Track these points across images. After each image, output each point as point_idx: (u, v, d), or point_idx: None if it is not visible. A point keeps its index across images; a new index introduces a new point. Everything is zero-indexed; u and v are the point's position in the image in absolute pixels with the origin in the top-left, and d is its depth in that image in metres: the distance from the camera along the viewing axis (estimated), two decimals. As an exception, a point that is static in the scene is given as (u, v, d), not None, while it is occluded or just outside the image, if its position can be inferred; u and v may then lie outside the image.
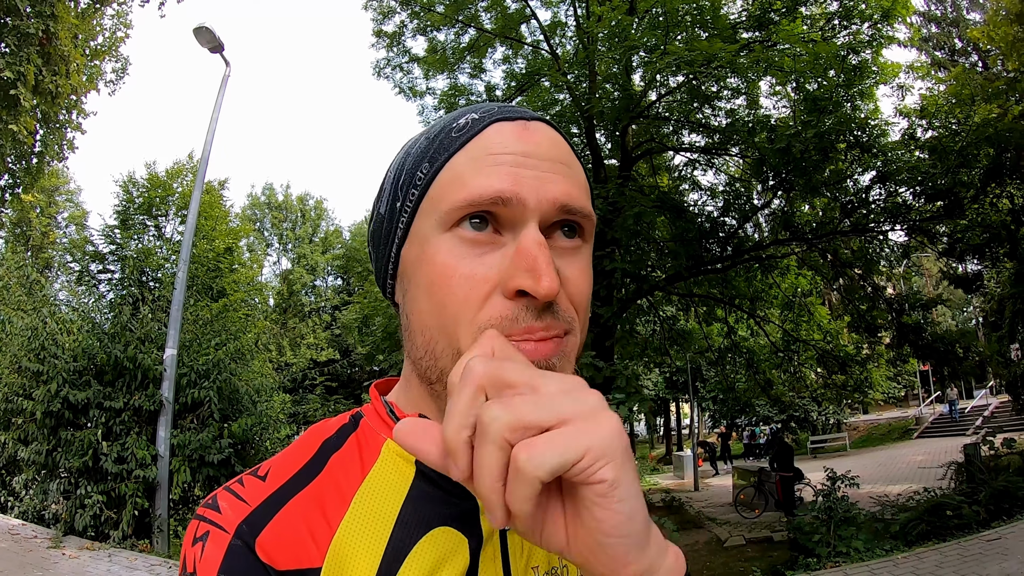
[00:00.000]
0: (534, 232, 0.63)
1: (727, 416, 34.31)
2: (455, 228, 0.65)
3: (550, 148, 0.68)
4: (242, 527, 0.64)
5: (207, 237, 14.15)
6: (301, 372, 27.61)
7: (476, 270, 0.64)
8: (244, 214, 37.77)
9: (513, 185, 0.63)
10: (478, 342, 0.56)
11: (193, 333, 12.05)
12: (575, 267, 0.68)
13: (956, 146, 10.71)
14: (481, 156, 0.66)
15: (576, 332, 0.67)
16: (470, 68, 17.06)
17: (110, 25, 10.74)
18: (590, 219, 0.69)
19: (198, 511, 0.67)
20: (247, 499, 0.66)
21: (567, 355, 0.65)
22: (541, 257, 0.61)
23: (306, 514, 0.66)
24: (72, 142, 9.70)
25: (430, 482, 0.71)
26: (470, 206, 0.64)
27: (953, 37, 20.78)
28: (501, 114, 0.69)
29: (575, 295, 0.67)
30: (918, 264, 20.24)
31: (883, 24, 12.08)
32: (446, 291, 0.65)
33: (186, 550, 0.65)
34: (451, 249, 0.65)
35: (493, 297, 0.63)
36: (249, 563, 0.62)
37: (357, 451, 0.73)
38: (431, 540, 0.68)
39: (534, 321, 0.62)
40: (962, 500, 9.94)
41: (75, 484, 9.74)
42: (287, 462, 0.71)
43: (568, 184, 0.66)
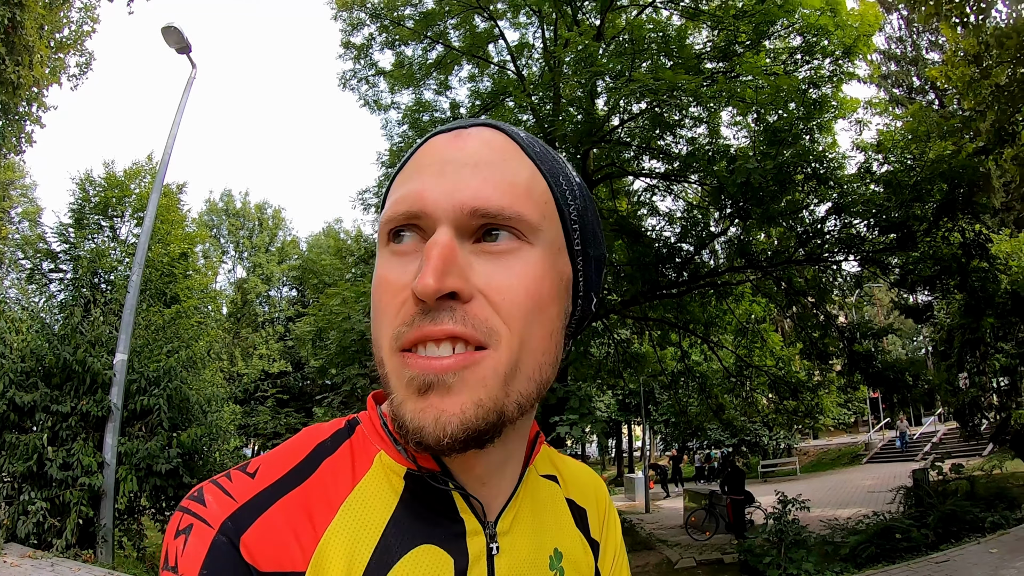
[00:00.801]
0: (437, 234, 0.62)
1: (679, 439, 34.54)
2: (388, 243, 0.67)
3: (477, 151, 0.66)
4: (227, 523, 0.62)
5: (162, 241, 13.88)
6: (253, 383, 27.23)
7: (399, 278, 0.64)
8: (201, 219, 37.11)
9: (419, 197, 0.63)
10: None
11: (144, 339, 11.78)
12: (506, 274, 0.64)
13: (910, 181, 10.97)
14: (411, 171, 0.68)
15: (500, 347, 0.62)
16: (436, 84, 17.13)
17: (77, 18, 10.59)
18: (522, 221, 0.64)
19: (182, 503, 0.65)
20: (234, 495, 0.65)
21: (479, 375, 0.61)
22: (432, 255, 0.59)
23: (293, 516, 0.64)
24: (31, 135, 9.52)
25: (419, 499, 0.70)
26: (390, 223, 0.66)
27: (912, 75, 21.40)
28: (444, 128, 0.70)
29: (503, 304, 0.63)
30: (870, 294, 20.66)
31: (844, 60, 12.43)
32: (376, 300, 0.66)
33: (168, 542, 0.64)
34: (384, 260, 0.67)
35: (407, 303, 0.62)
36: (232, 561, 0.60)
37: (350, 458, 0.72)
38: (415, 557, 0.67)
39: (427, 323, 0.60)
40: (911, 524, 10.18)
41: (18, 490, 9.39)
42: (278, 461, 0.69)
43: (485, 185, 0.64)
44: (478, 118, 0.73)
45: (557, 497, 0.88)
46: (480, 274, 0.63)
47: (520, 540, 0.76)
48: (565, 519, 0.86)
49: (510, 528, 0.76)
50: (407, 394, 0.61)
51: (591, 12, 14.83)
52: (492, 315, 0.62)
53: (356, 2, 15.74)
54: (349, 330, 11.81)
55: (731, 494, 15.08)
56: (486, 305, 0.62)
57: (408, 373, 0.61)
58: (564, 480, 0.91)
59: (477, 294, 0.62)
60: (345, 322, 11.94)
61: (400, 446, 0.71)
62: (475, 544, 0.71)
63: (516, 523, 0.77)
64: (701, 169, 12.68)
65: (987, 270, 11.67)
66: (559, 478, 0.90)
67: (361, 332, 11.46)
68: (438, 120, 16.57)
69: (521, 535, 0.77)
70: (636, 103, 12.43)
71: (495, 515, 0.75)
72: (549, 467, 0.90)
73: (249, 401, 24.62)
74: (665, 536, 16.69)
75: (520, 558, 0.75)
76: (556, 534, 0.82)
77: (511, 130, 0.71)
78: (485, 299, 0.62)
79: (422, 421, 0.60)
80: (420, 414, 0.60)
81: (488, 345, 0.61)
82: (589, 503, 0.92)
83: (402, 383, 0.62)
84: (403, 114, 17.12)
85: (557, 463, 0.93)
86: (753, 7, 12.31)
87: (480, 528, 0.72)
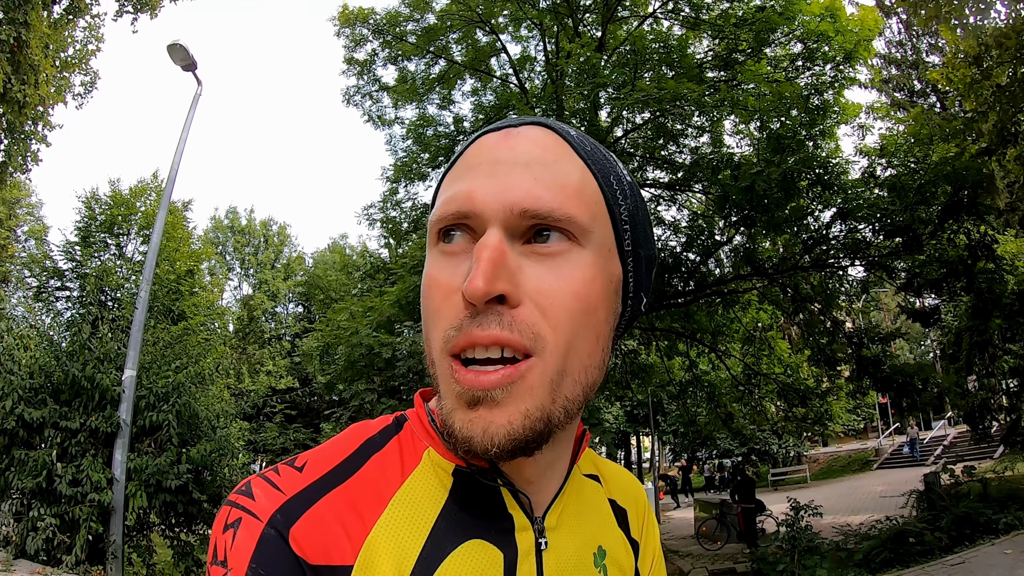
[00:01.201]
0: (488, 235, 0.62)
1: (688, 449, 34.43)
2: (438, 243, 0.67)
3: (528, 150, 0.66)
4: (276, 516, 0.62)
5: (169, 258, 13.93)
6: (260, 399, 27.22)
7: (450, 280, 0.64)
8: (206, 237, 37.25)
9: (469, 197, 0.64)
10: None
11: (153, 355, 11.74)
12: (555, 277, 0.63)
13: (914, 184, 10.96)
14: (462, 171, 0.68)
15: (545, 354, 0.62)
16: (439, 99, 17.17)
17: (82, 37, 10.65)
18: (572, 222, 0.64)
19: (230, 497, 0.66)
20: (283, 488, 0.65)
21: (526, 386, 0.61)
22: (483, 258, 0.60)
23: (342, 510, 0.65)
24: (36, 154, 9.53)
25: (468, 495, 0.71)
26: (440, 222, 0.66)
27: (913, 79, 21.40)
28: (493, 127, 0.71)
29: (551, 308, 0.62)
30: (877, 299, 20.62)
31: (845, 66, 12.46)
32: (427, 301, 0.67)
33: (216, 536, 0.64)
34: (434, 260, 0.67)
35: (456, 305, 0.63)
36: (283, 554, 0.61)
37: (398, 454, 0.73)
38: (465, 552, 0.67)
39: (474, 328, 0.60)
40: (924, 527, 10.12)
41: (27, 506, 9.35)
42: (326, 455, 0.70)
43: (536, 186, 0.64)
44: (530, 116, 0.72)
45: (600, 497, 0.88)
46: (530, 276, 0.63)
47: (566, 537, 0.77)
48: (608, 518, 0.87)
49: (557, 524, 0.77)
50: (456, 404, 0.62)
51: (592, 24, 14.91)
52: (540, 320, 0.62)
53: (359, 18, 15.84)
54: (357, 345, 11.79)
55: (742, 503, 15.03)
56: (534, 310, 0.62)
57: (457, 388, 0.62)
58: (606, 481, 0.92)
59: (526, 298, 0.62)
60: (353, 336, 11.93)
61: (449, 443, 0.71)
62: (524, 539, 0.72)
63: (562, 520, 0.78)
64: (705, 178, 12.69)
65: (993, 271, 11.62)
66: (601, 478, 0.91)
67: (369, 347, 11.45)
68: (442, 135, 16.64)
69: (567, 532, 0.78)
70: (639, 113, 12.49)
71: (542, 511, 0.76)
72: (591, 467, 0.91)
73: (257, 417, 24.58)
74: (676, 547, 16.62)
75: (567, 554, 0.76)
76: (599, 532, 0.83)
77: (561, 128, 0.71)
78: (533, 303, 0.62)
79: (471, 432, 0.61)
80: (469, 424, 0.61)
81: (534, 352, 0.61)
82: (629, 504, 0.93)
83: (452, 393, 0.63)
84: (407, 129, 17.17)
85: (598, 464, 0.94)
86: (753, 15, 12.38)
87: (529, 524, 0.73)
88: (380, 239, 17.76)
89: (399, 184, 16.89)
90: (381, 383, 11.44)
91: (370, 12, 15.85)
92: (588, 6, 14.68)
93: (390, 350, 10.84)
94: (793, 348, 16.70)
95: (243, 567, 0.60)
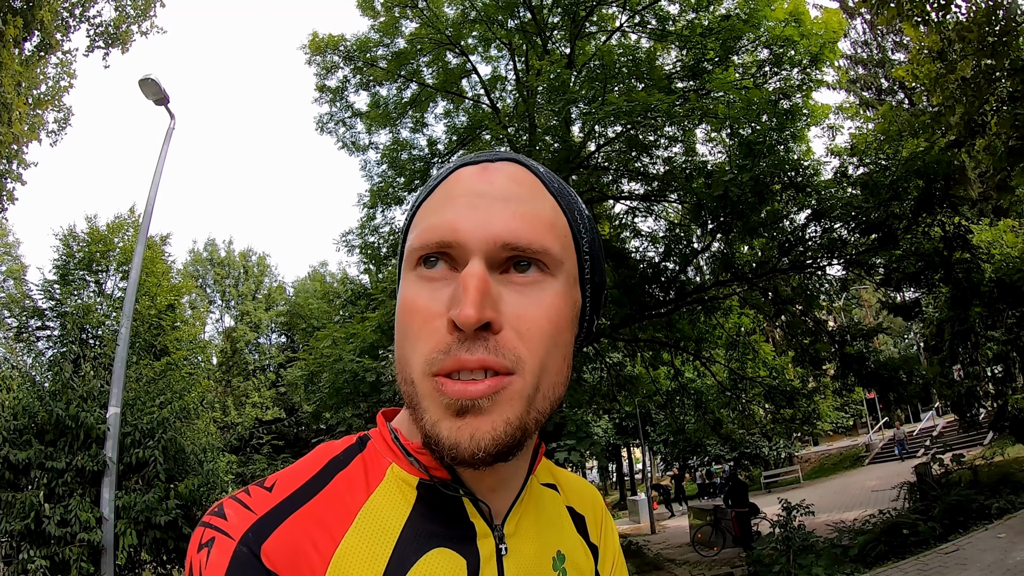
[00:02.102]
0: (471, 265, 0.65)
1: (679, 458, 34.43)
2: (416, 268, 0.70)
3: (505, 185, 0.71)
4: (248, 535, 0.65)
5: (148, 293, 13.83)
6: (247, 431, 26.93)
7: (430, 305, 0.67)
8: (186, 270, 36.86)
9: (454, 228, 0.67)
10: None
11: (136, 391, 11.63)
12: (531, 304, 0.68)
13: (887, 180, 11.06)
14: (441, 200, 0.71)
15: (524, 373, 0.66)
16: (412, 122, 17.21)
17: (53, 74, 10.61)
18: (547, 255, 0.69)
19: (204, 518, 0.68)
20: (253, 508, 0.68)
21: (508, 396, 0.65)
22: (470, 287, 0.63)
23: (310, 526, 0.68)
24: (12, 193, 9.44)
25: (430, 506, 0.74)
26: (421, 249, 0.69)
27: (880, 77, 21.68)
28: (471, 159, 0.75)
29: (527, 332, 0.67)
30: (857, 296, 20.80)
31: (812, 69, 12.62)
32: (406, 324, 0.69)
33: (191, 556, 0.67)
34: (412, 285, 0.70)
35: (440, 330, 0.66)
36: (255, 570, 0.63)
37: (363, 471, 0.75)
38: (430, 560, 0.70)
39: (463, 353, 0.64)
40: (917, 518, 10.19)
41: (17, 548, 9.18)
42: (294, 475, 0.73)
43: (516, 220, 0.68)
44: (500, 152, 0.76)
45: (558, 504, 0.92)
46: (508, 303, 0.67)
47: (526, 542, 0.81)
48: (566, 524, 0.91)
49: (516, 530, 0.80)
50: (443, 415, 0.65)
51: (561, 41, 15.03)
52: (519, 344, 0.66)
53: (329, 45, 15.87)
54: (341, 371, 11.72)
55: (735, 507, 15.03)
56: (513, 334, 0.66)
57: (445, 399, 0.64)
58: (563, 489, 0.95)
59: (506, 324, 0.66)
60: (337, 363, 11.87)
61: (413, 458, 0.75)
62: (485, 546, 0.75)
63: (521, 526, 0.81)
64: (680, 187, 12.77)
65: (970, 261, 11.75)
66: (558, 487, 0.95)
67: (353, 372, 11.38)
68: (416, 158, 16.67)
69: (526, 537, 0.81)
70: (611, 127, 12.55)
71: (501, 519, 0.79)
72: (548, 477, 0.95)
73: (244, 449, 24.33)
74: (673, 555, 16.58)
75: (526, 559, 0.79)
76: (558, 537, 0.86)
77: (532, 165, 0.76)
78: (512, 328, 0.66)
79: (458, 438, 0.64)
80: (456, 432, 0.64)
81: (515, 371, 0.66)
82: (587, 510, 0.96)
83: (438, 405, 0.65)
84: (381, 154, 17.18)
85: (556, 473, 0.97)
86: (719, 24, 12.53)
87: (489, 531, 0.77)
88: (360, 265, 17.73)
89: (376, 209, 16.89)
90: (367, 408, 11.39)
91: (340, 39, 15.90)
92: (556, 23, 14.82)
93: (374, 375, 10.80)
94: (777, 350, 16.77)
95: None
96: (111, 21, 10.97)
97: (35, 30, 8.70)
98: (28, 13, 8.18)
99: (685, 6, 14.01)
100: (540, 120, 12.97)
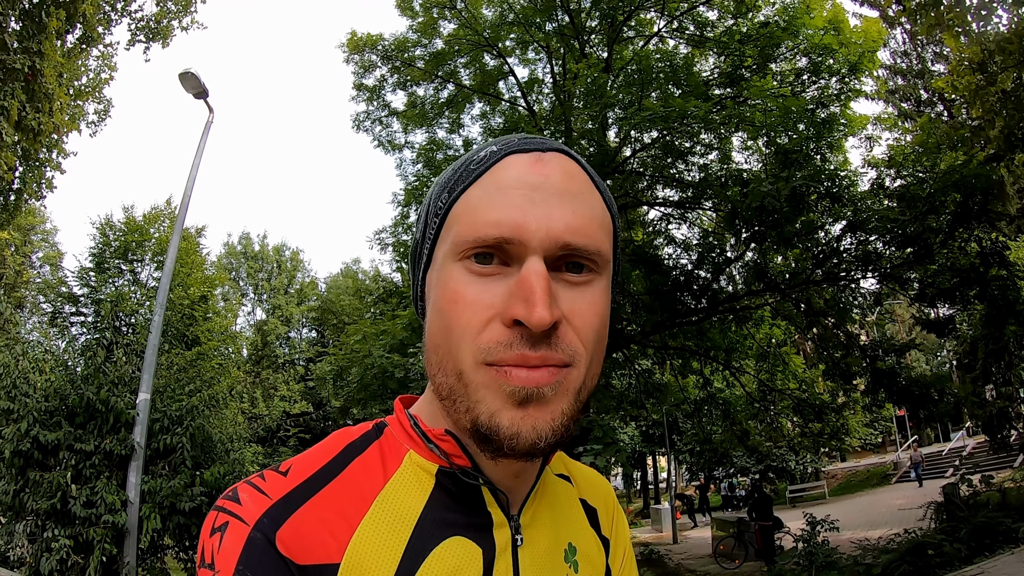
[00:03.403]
0: (535, 264, 0.65)
1: (704, 468, 34.17)
2: (465, 260, 0.69)
3: (562, 180, 0.70)
4: (263, 520, 0.65)
5: (182, 284, 14.04)
6: (275, 423, 27.20)
7: (481, 297, 0.67)
8: (220, 263, 37.42)
9: (516, 226, 0.66)
10: None
11: (167, 379, 11.80)
12: (583, 301, 0.69)
13: (924, 193, 10.84)
14: (492, 190, 0.69)
15: (580, 366, 0.68)
16: (448, 123, 17.30)
17: (95, 66, 10.79)
18: (599, 255, 0.70)
19: (218, 502, 0.69)
20: (268, 492, 0.68)
21: (565, 387, 0.66)
22: (538, 288, 0.63)
23: (326, 511, 0.68)
24: (51, 181, 9.53)
25: (448, 494, 0.74)
26: (477, 244, 0.68)
27: (919, 88, 21.32)
28: (518, 146, 0.72)
29: (581, 329, 0.68)
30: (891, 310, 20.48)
31: (850, 78, 12.44)
32: (453, 315, 0.68)
33: (204, 540, 0.67)
34: (460, 277, 0.69)
35: (493, 323, 0.66)
36: (269, 556, 0.63)
37: (380, 457, 0.76)
38: (447, 548, 0.71)
39: (528, 349, 0.64)
40: (943, 539, 10.00)
41: (42, 527, 9.34)
42: (310, 460, 0.73)
43: (575, 219, 0.68)
44: (545, 139, 0.75)
45: (571, 496, 0.92)
46: (564, 300, 0.67)
47: (540, 533, 0.81)
48: (579, 516, 0.91)
49: (531, 521, 0.81)
50: (504, 404, 0.65)
51: (598, 45, 15.00)
52: (575, 339, 0.67)
53: (367, 44, 16.00)
54: (370, 366, 11.81)
55: (759, 520, 14.89)
56: (570, 330, 0.67)
57: (508, 387, 0.65)
58: (576, 481, 0.96)
59: (563, 320, 0.67)
60: (367, 359, 11.95)
61: (433, 445, 0.75)
62: (501, 536, 0.76)
63: (536, 517, 0.82)
64: (715, 195, 12.66)
65: (1006, 278, 11.46)
66: (572, 479, 0.95)
67: (383, 368, 11.46)
68: (452, 158, 16.68)
69: (541, 528, 0.81)
70: (647, 132, 12.50)
71: (517, 509, 0.79)
72: (562, 467, 0.95)
73: (271, 441, 24.58)
74: (694, 566, 16.47)
75: (540, 550, 0.79)
76: (570, 529, 0.87)
77: (578, 158, 0.75)
78: (569, 324, 0.67)
79: (520, 428, 0.65)
80: (519, 422, 0.65)
81: (572, 364, 0.67)
82: (599, 503, 0.96)
83: (498, 394, 0.66)
84: (417, 153, 17.28)
85: (569, 465, 0.98)
86: (757, 31, 12.41)
87: (506, 521, 0.77)
88: (392, 263, 17.79)
89: (410, 208, 16.96)
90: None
91: (378, 38, 16.02)
92: (594, 27, 14.79)
93: (403, 371, 10.86)
94: (807, 363, 16.58)
95: (230, 569, 0.63)
96: (152, 16, 11.16)
97: (78, 23, 8.85)
98: (71, 6, 8.33)
99: (724, 12, 13.91)
100: (576, 124, 12.96)
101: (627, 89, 12.16)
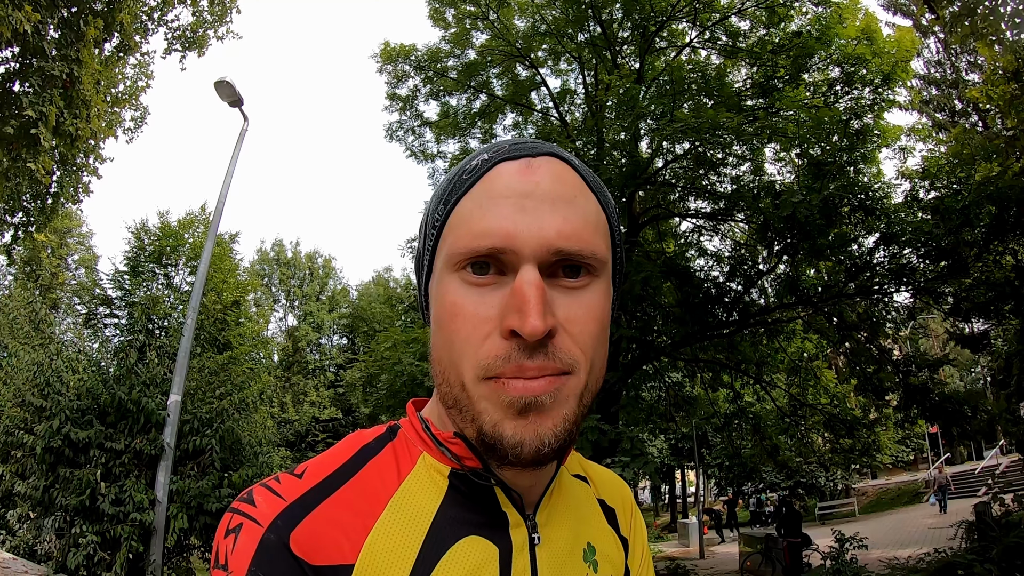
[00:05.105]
0: (527, 273, 0.65)
1: (733, 483, 33.81)
2: (460, 271, 0.69)
3: (552, 185, 0.69)
4: (276, 522, 0.65)
5: (216, 289, 14.20)
6: (304, 428, 27.40)
7: (478, 310, 0.67)
8: (252, 268, 37.79)
9: (508, 235, 0.66)
10: None
11: (198, 382, 11.97)
12: (580, 306, 0.68)
13: (958, 205, 10.67)
14: (484, 200, 0.69)
15: (579, 372, 0.67)
16: (481, 133, 17.35)
17: (132, 74, 10.99)
18: (595, 258, 0.69)
19: (232, 504, 0.69)
20: (283, 495, 0.68)
21: (564, 395, 0.66)
22: (531, 297, 0.63)
23: (341, 513, 0.68)
24: (88, 186, 9.68)
25: (463, 495, 0.75)
26: (471, 255, 0.67)
27: (953, 98, 21.00)
28: (508, 153, 0.72)
29: (579, 335, 0.67)
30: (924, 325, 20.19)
31: (884, 88, 12.31)
32: (452, 328, 0.68)
33: (218, 541, 0.67)
34: (457, 288, 0.69)
35: (492, 336, 0.66)
36: (282, 557, 0.64)
37: (394, 459, 0.76)
38: (463, 548, 0.71)
39: (525, 360, 0.64)
40: (973, 559, 9.78)
41: (70, 523, 9.54)
42: (324, 462, 0.73)
43: (566, 225, 0.67)
44: (535, 142, 0.75)
45: (589, 496, 0.93)
46: (560, 307, 0.67)
47: (557, 532, 0.81)
48: (597, 516, 0.91)
49: (548, 520, 0.81)
50: (505, 415, 0.66)
51: (630, 56, 15.02)
52: (572, 346, 0.67)
53: (400, 55, 16.13)
54: (400, 373, 11.88)
55: (788, 536, 14.70)
56: (567, 337, 0.67)
57: (507, 398, 0.65)
58: (593, 481, 0.96)
59: (560, 328, 0.66)
60: (396, 366, 12.03)
61: (444, 447, 0.76)
62: (518, 535, 0.76)
63: (552, 517, 0.82)
64: (747, 207, 12.57)
65: (1042, 292, 11.30)
66: (589, 479, 0.95)
67: (412, 375, 11.53)
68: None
69: (558, 527, 0.82)
70: (679, 143, 12.47)
71: (532, 509, 0.80)
72: (579, 468, 0.95)
73: (300, 446, 24.78)
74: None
75: (559, 549, 0.80)
76: (589, 529, 0.87)
77: (570, 159, 0.74)
78: (565, 331, 0.67)
79: (523, 436, 0.65)
80: (521, 430, 0.65)
81: (571, 372, 0.67)
82: (616, 503, 0.96)
83: (498, 406, 0.66)
84: (449, 163, 17.30)
85: (586, 466, 0.98)
86: (790, 41, 12.34)
87: (522, 520, 0.77)
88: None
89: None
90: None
91: (411, 48, 16.16)
92: (626, 38, 14.82)
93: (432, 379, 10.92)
94: (839, 377, 16.35)
95: (243, 570, 0.64)
96: (188, 25, 11.36)
97: (115, 32, 9.01)
98: (109, 15, 8.50)
99: (756, 23, 13.83)
100: (608, 135, 12.97)
101: (659, 100, 12.14)
